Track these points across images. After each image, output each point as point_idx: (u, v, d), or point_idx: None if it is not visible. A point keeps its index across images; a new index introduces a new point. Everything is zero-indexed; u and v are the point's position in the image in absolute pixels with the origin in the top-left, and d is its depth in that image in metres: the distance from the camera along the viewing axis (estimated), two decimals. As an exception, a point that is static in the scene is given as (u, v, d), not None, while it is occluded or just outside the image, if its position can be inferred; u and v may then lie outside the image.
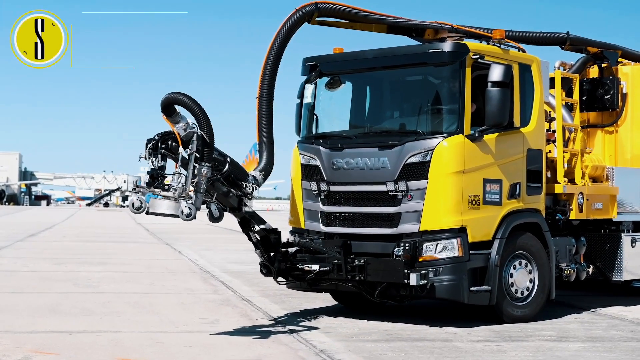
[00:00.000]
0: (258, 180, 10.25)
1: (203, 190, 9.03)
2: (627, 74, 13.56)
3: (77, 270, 17.36)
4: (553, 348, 9.08)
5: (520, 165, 10.80)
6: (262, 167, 10.51)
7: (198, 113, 9.19)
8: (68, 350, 8.49)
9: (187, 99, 9.18)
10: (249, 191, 10.07)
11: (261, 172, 10.42)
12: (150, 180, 9.14)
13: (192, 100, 9.21)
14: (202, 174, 9.00)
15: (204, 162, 9.07)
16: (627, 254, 12.61)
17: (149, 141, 9.20)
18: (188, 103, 9.18)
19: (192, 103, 9.19)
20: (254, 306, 12.10)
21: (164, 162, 9.21)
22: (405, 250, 10.00)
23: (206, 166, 9.06)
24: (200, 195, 9.02)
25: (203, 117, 9.20)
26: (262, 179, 10.36)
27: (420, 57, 10.63)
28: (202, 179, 9.00)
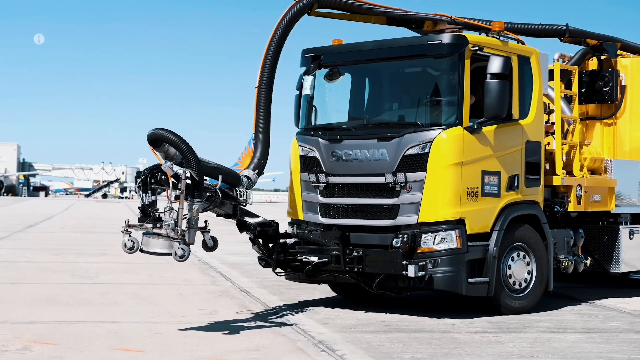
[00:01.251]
0: (252, 180, 10.20)
1: (196, 225, 8.94)
2: (626, 66, 13.56)
3: (76, 261, 17.38)
4: (551, 339, 9.11)
5: (518, 157, 10.81)
6: (256, 164, 10.44)
7: (185, 150, 9.00)
8: (67, 341, 8.50)
9: (173, 137, 9.01)
10: (243, 200, 10.07)
11: (255, 170, 10.35)
12: (142, 215, 9.12)
13: (178, 138, 9.02)
14: (193, 210, 8.91)
15: (195, 199, 8.95)
16: (625, 246, 12.64)
17: (138, 175, 9.19)
18: (174, 141, 9.02)
19: (178, 140, 9.00)
20: (253, 297, 12.12)
21: (154, 197, 9.17)
22: (404, 241, 10.02)
23: (197, 202, 8.95)
24: (193, 230, 8.92)
25: (190, 154, 9.01)
26: (256, 177, 10.31)
27: (419, 48, 10.62)
28: (193, 214, 8.91)
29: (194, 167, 8.98)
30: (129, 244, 9.02)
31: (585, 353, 8.35)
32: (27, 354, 7.81)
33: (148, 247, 8.98)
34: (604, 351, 8.48)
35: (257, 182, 10.37)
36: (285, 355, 8.01)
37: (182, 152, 9.02)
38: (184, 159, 9.01)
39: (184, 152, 9.02)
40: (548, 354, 8.26)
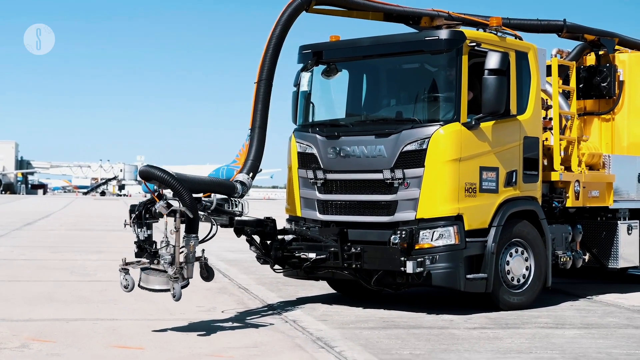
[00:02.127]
0: (247, 184, 10.15)
1: (193, 259, 8.93)
2: (624, 61, 13.55)
3: (74, 258, 17.37)
4: (549, 335, 9.11)
5: (516, 153, 10.81)
6: (249, 167, 10.34)
7: (177, 188, 8.94)
8: (65, 338, 8.49)
9: (164, 175, 8.94)
10: (238, 212, 10.08)
11: (249, 174, 10.28)
12: (138, 251, 9.09)
13: (169, 175, 8.96)
14: (190, 245, 8.91)
15: (191, 234, 8.92)
16: (623, 242, 12.64)
17: (132, 210, 9.11)
18: (165, 179, 8.95)
19: (169, 178, 8.95)
20: (251, 294, 12.11)
21: (150, 231, 9.11)
22: (402, 238, 10.01)
23: (193, 237, 8.93)
24: (191, 265, 8.92)
25: (183, 191, 8.92)
26: (251, 180, 10.26)
27: (417, 44, 10.61)
28: (190, 249, 8.90)
29: (188, 203, 8.89)
30: (124, 282, 9.02)
31: (584, 349, 8.36)
32: (26, 352, 7.80)
33: (147, 284, 8.95)
34: (603, 347, 8.48)
35: (252, 185, 10.34)
36: (283, 352, 8.01)
37: (173, 189, 8.94)
38: (177, 197, 8.93)
39: (175, 189, 8.93)
40: (546, 350, 8.26)
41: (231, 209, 10.05)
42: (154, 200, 9.14)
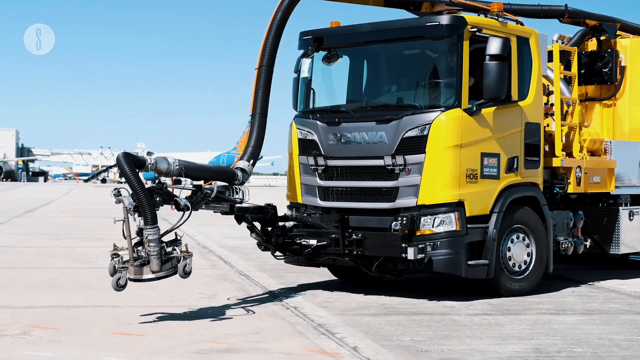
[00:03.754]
0: (247, 171, 10.15)
1: (156, 253, 8.76)
2: (625, 47, 13.50)
3: (75, 245, 17.37)
4: (551, 321, 9.10)
5: (518, 139, 10.77)
6: (250, 154, 10.35)
7: (131, 181, 8.82)
8: (66, 325, 8.49)
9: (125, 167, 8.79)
10: (239, 199, 10.01)
11: (249, 161, 10.29)
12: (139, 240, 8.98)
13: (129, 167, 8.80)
14: (146, 238, 8.76)
15: (147, 226, 8.77)
16: (625, 228, 12.62)
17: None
18: (123, 170, 8.82)
19: (127, 169, 8.79)
20: (252, 281, 12.11)
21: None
22: (403, 224, 9.99)
23: (149, 228, 8.75)
24: (154, 258, 8.75)
25: (135, 181, 8.80)
26: (251, 167, 10.25)
27: (418, 30, 10.56)
28: (147, 243, 8.75)
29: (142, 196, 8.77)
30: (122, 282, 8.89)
31: (586, 334, 8.35)
32: (27, 338, 7.81)
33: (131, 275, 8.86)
34: (604, 332, 8.48)
35: (252, 172, 10.32)
36: (284, 339, 8.00)
37: (127, 181, 8.83)
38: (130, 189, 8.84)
39: (129, 182, 8.82)
40: (548, 336, 8.25)
41: (232, 197, 10.03)
42: (153, 188, 9.12)
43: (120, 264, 8.76)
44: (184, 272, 8.92)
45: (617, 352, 7.59)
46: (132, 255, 8.83)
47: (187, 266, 8.93)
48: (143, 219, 8.83)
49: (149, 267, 8.80)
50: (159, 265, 8.81)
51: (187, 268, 8.94)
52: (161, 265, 8.82)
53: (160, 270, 8.81)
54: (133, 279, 8.79)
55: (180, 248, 8.98)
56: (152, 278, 8.84)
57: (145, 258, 8.81)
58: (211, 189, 9.77)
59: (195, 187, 9.73)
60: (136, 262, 8.77)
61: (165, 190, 9.21)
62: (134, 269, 8.76)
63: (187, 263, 8.92)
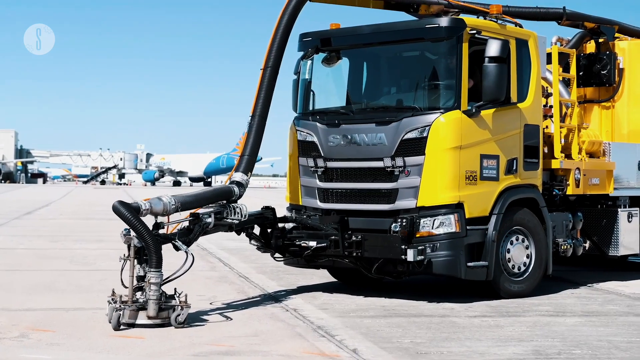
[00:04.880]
0: (243, 185, 10.10)
1: (156, 298, 8.63)
2: (624, 49, 13.51)
3: (74, 247, 17.36)
4: (550, 323, 9.11)
5: (517, 141, 10.78)
6: (246, 165, 10.27)
7: (137, 228, 8.72)
8: (65, 327, 8.49)
9: (127, 214, 8.70)
10: (237, 220, 9.88)
11: (246, 172, 10.23)
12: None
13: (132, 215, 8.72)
14: (148, 282, 8.65)
15: (152, 269, 8.69)
16: (624, 229, 12.63)
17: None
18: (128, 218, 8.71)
19: (131, 217, 8.68)
20: (251, 283, 12.10)
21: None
22: (403, 226, 9.99)
23: (152, 271, 8.67)
24: (152, 303, 8.58)
25: (144, 231, 8.72)
26: (248, 179, 10.21)
27: (417, 32, 10.57)
28: (149, 286, 8.63)
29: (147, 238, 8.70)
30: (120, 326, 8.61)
31: (585, 336, 8.35)
32: (25, 341, 7.80)
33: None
34: (604, 334, 8.48)
35: (249, 183, 10.27)
36: (284, 341, 8.00)
37: (134, 229, 8.72)
38: (139, 237, 8.73)
39: (136, 230, 8.71)
40: (547, 338, 8.25)
41: (230, 217, 9.88)
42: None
43: (119, 303, 8.57)
44: (176, 321, 8.60)
45: (617, 354, 7.59)
46: (131, 297, 8.69)
47: (181, 316, 8.58)
48: (148, 261, 8.72)
49: (144, 312, 8.60)
50: (156, 311, 8.58)
51: (179, 318, 8.58)
52: (158, 312, 8.61)
53: (156, 316, 8.58)
54: (127, 322, 8.52)
55: (180, 298, 8.77)
56: (146, 324, 8.56)
57: (143, 303, 8.64)
58: (210, 215, 9.64)
59: (192, 216, 9.62)
60: (133, 305, 8.61)
61: (162, 235, 9.10)
62: (129, 312, 8.54)
63: (181, 313, 8.60)
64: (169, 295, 8.83)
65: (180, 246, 9.21)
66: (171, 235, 9.31)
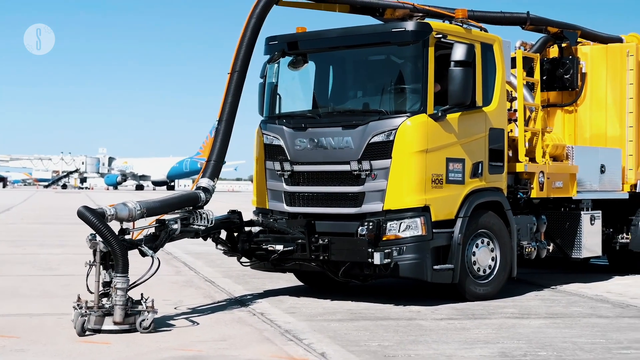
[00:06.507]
0: (209, 190, 10.06)
1: (122, 303, 8.54)
2: (586, 54, 13.69)
3: (37, 252, 17.16)
4: (515, 325, 9.18)
5: (482, 144, 10.86)
6: (212, 170, 10.24)
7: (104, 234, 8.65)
8: (29, 334, 8.39)
9: (94, 220, 8.65)
10: (203, 226, 9.84)
11: (212, 178, 10.20)
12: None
13: (99, 220, 8.67)
14: (114, 287, 8.56)
15: (118, 274, 8.61)
16: (587, 232, 12.77)
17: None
18: (94, 224, 8.65)
19: (98, 223, 8.65)
20: (218, 287, 12.05)
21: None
22: (369, 229, 10.01)
23: (118, 276, 8.60)
24: (118, 308, 8.49)
25: (110, 237, 8.65)
26: (214, 185, 10.18)
27: (384, 36, 10.61)
28: (115, 292, 8.55)
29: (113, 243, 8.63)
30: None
31: (550, 338, 8.43)
32: (-11, 348, 7.69)
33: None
34: (568, 336, 8.57)
35: (215, 188, 10.24)
36: (252, 345, 7.98)
37: (101, 235, 8.65)
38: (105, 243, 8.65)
39: (102, 235, 8.64)
40: (513, 340, 8.32)
41: (196, 223, 9.83)
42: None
43: (85, 309, 8.48)
44: (141, 326, 8.52)
45: (581, 355, 7.67)
46: (97, 303, 8.60)
47: (146, 321, 8.48)
48: (115, 266, 8.65)
49: (110, 318, 8.51)
50: (123, 317, 8.49)
51: (145, 323, 8.48)
52: (124, 318, 8.52)
53: (122, 322, 8.49)
54: (92, 328, 8.42)
55: (146, 303, 8.67)
56: (112, 330, 8.46)
57: (108, 308, 8.56)
58: (176, 222, 9.60)
59: (158, 222, 9.57)
60: (99, 310, 8.53)
61: (128, 241, 9.04)
62: (95, 318, 8.45)
63: (146, 318, 8.51)
64: (135, 300, 8.74)
65: (146, 251, 9.15)
66: (137, 240, 9.25)
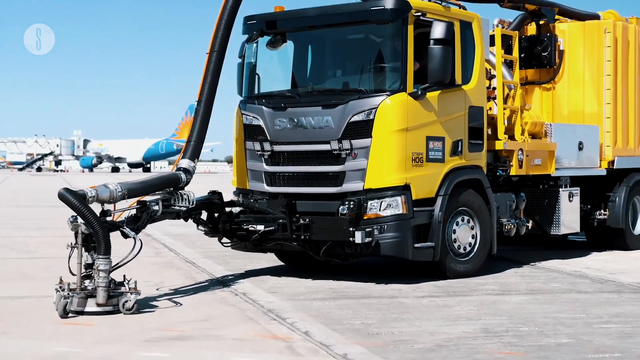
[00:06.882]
0: (190, 171, 10.05)
1: (105, 285, 8.50)
2: (564, 31, 13.73)
3: (14, 235, 17.05)
4: (496, 301, 9.25)
5: (462, 123, 10.89)
6: (192, 151, 10.23)
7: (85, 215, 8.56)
8: (11, 316, 8.35)
9: (75, 202, 8.57)
10: (184, 207, 9.82)
11: (192, 159, 10.19)
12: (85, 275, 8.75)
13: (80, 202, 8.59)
14: (96, 268, 8.51)
15: (100, 256, 8.55)
16: (565, 209, 12.86)
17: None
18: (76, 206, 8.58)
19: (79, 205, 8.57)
20: (198, 268, 12.04)
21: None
22: (350, 208, 10.02)
23: (101, 258, 8.52)
24: (101, 290, 8.45)
25: (87, 212, 8.56)
26: (194, 165, 10.18)
27: (362, 14, 10.57)
28: (97, 273, 8.50)
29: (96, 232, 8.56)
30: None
31: (531, 314, 8.50)
32: (-29, 332, 7.65)
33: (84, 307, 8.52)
34: (549, 311, 8.65)
35: (196, 169, 10.21)
36: (236, 325, 7.98)
37: (82, 217, 8.58)
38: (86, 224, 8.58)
39: (84, 217, 8.56)
40: (495, 316, 8.38)
41: (178, 205, 9.81)
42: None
43: (67, 291, 8.44)
44: (124, 307, 8.50)
45: (562, 330, 7.75)
46: (79, 284, 8.56)
47: (129, 302, 8.47)
48: (97, 248, 8.59)
49: (93, 300, 8.48)
50: (105, 298, 8.46)
51: (128, 304, 8.47)
52: (107, 299, 8.49)
53: (105, 304, 8.45)
54: (75, 310, 8.39)
55: (129, 285, 8.65)
56: (95, 312, 8.42)
57: (91, 290, 8.52)
58: (157, 203, 9.57)
59: (139, 203, 9.53)
60: (82, 292, 8.49)
61: (110, 223, 8.99)
62: (78, 300, 8.41)
63: (129, 299, 8.50)
64: (118, 282, 8.72)
65: (129, 233, 9.11)
66: (119, 222, 9.20)
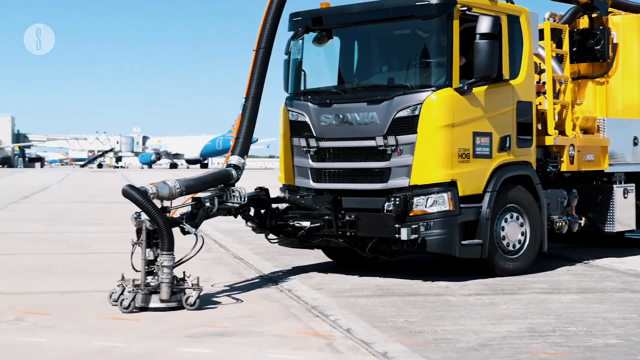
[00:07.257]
0: (240, 168, 10.10)
1: (169, 281, 8.60)
2: (617, 24, 13.43)
3: (71, 231, 17.36)
4: (545, 300, 9.11)
5: (510, 118, 10.74)
6: (241, 148, 10.27)
7: (149, 211, 8.73)
8: (60, 310, 8.49)
9: (139, 197, 8.73)
10: (236, 204, 9.88)
11: (242, 155, 10.23)
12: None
13: (144, 198, 8.75)
14: (160, 264, 8.62)
15: (164, 252, 8.67)
16: (619, 205, 12.61)
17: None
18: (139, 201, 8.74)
19: (143, 201, 8.72)
20: (246, 264, 12.11)
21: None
22: (396, 205, 9.97)
23: (165, 254, 8.64)
24: (165, 286, 8.57)
25: (152, 209, 8.73)
26: (244, 162, 10.22)
27: (408, 10, 10.49)
28: (161, 269, 8.60)
29: (160, 227, 8.67)
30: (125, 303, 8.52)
31: (580, 313, 8.35)
32: (20, 324, 7.81)
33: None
34: (599, 311, 8.48)
35: (245, 165, 10.27)
36: (278, 321, 8.00)
37: (146, 212, 8.73)
38: (151, 220, 8.71)
39: (147, 212, 8.72)
40: (542, 315, 8.25)
41: (230, 201, 9.88)
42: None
43: (131, 287, 8.58)
44: (187, 303, 8.63)
45: (612, 330, 7.59)
46: (143, 280, 8.69)
47: (191, 298, 8.60)
48: (160, 244, 8.71)
49: (157, 296, 8.61)
50: (169, 294, 8.58)
51: (190, 299, 8.60)
52: (171, 295, 8.61)
53: (169, 299, 8.58)
54: (139, 307, 8.52)
55: (192, 281, 8.77)
56: (159, 308, 8.55)
57: (155, 286, 8.65)
58: (212, 200, 9.66)
59: (194, 200, 9.63)
60: (146, 288, 8.61)
61: (171, 219, 9.11)
62: (142, 296, 8.55)
63: (191, 295, 8.62)
64: (180, 278, 8.82)
65: (189, 229, 9.21)
66: (179, 218, 9.32)
